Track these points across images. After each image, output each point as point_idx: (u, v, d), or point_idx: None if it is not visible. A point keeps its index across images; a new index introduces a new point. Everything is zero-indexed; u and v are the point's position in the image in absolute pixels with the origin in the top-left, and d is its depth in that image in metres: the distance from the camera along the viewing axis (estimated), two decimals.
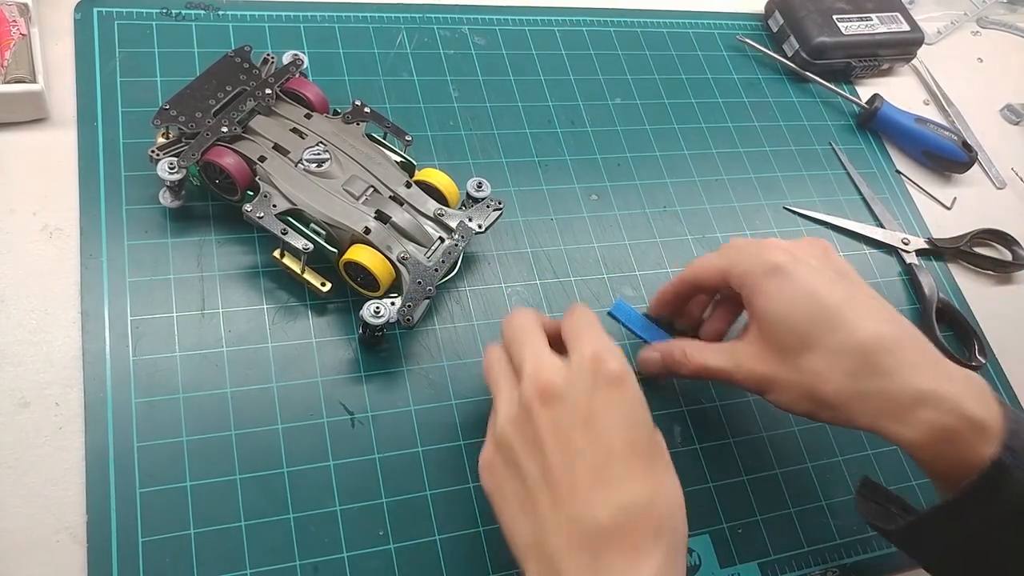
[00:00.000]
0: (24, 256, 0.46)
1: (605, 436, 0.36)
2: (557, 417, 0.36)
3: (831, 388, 0.41)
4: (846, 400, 0.41)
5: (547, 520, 0.35)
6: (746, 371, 0.45)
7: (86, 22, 0.54)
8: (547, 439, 0.36)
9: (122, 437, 0.43)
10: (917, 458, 0.41)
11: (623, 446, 0.36)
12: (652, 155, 0.62)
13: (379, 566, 0.43)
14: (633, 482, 0.35)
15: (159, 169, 0.46)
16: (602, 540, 0.34)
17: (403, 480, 0.45)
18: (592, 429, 0.36)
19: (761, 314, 0.44)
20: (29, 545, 0.40)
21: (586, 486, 0.35)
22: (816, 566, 0.50)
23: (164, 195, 0.48)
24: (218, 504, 0.42)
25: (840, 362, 0.41)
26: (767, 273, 0.43)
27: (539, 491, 0.36)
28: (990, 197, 0.72)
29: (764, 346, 0.44)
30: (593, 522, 0.34)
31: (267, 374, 0.46)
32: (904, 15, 0.74)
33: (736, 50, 0.71)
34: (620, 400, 0.37)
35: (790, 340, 0.42)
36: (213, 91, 0.49)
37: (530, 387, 0.37)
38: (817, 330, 0.42)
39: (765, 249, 0.45)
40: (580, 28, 0.67)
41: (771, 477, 0.52)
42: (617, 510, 0.34)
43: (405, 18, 0.62)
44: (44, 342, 0.44)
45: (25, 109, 0.49)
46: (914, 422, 0.39)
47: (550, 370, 0.38)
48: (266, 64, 0.51)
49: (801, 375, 0.42)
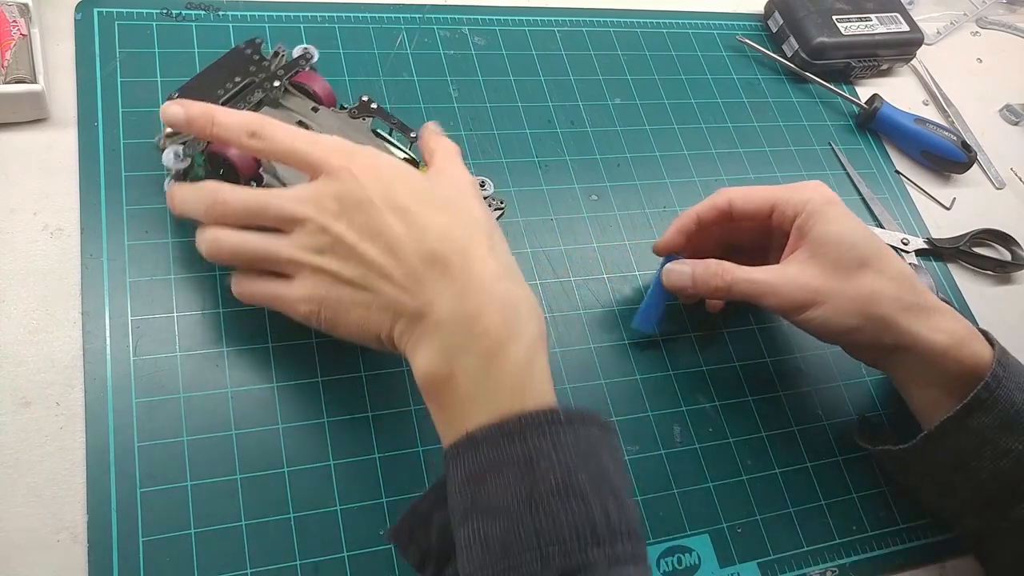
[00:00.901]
0: (25, 256, 0.46)
1: (394, 203, 0.39)
2: (352, 220, 0.39)
3: (885, 303, 0.47)
4: (894, 313, 0.47)
5: (389, 290, 0.39)
6: (797, 284, 0.47)
7: (86, 22, 0.54)
8: (356, 243, 0.39)
9: (123, 437, 0.43)
10: (941, 365, 0.47)
11: (411, 200, 0.39)
12: (652, 155, 0.62)
13: (379, 566, 0.43)
14: (432, 217, 0.39)
15: (165, 157, 0.45)
16: (432, 263, 0.38)
17: (403, 480, 0.45)
18: (382, 206, 0.39)
19: (821, 236, 0.48)
20: (29, 545, 0.40)
21: (403, 245, 0.38)
22: (815, 566, 0.50)
23: (169, 184, 0.47)
24: (218, 504, 0.42)
25: (890, 283, 0.47)
26: (827, 202, 0.49)
27: (372, 282, 0.39)
28: (989, 197, 0.72)
29: (818, 264, 0.47)
30: (420, 257, 0.38)
31: (267, 374, 0.46)
32: (904, 15, 0.74)
33: (736, 50, 0.71)
34: (385, 172, 0.40)
35: (850, 260, 0.47)
36: (222, 81, 0.48)
37: (316, 215, 0.39)
38: (872, 255, 0.47)
39: (819, 185, 0.50)
40: (580, 28, 0.67)
41: (771, 477, 0.52)
42: (430, 238, 0.39)
43: (405, 18, 0.62)
44: (45, 342, 0.44)
45: (25, 109, 0.49)
46: (942, 330, 0.47)
47: (318, 191, 0.40)
48: (276, 57, 0.51)
49: (857, 290, 0.47)
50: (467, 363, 0.37)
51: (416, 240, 0.38)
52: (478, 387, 0.37)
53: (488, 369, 0.37)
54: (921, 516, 0.53)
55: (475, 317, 0.37)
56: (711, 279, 0.49)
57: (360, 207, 0.39)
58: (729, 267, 0.49)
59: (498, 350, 0.37)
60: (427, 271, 0.38)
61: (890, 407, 0.57)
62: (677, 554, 0.48)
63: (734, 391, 0.54)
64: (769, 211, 0.50)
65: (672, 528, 0.48)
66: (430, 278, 0.38)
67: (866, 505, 0.53)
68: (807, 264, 0.48)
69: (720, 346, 0.56)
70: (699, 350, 0.55)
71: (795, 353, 0.57)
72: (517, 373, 0.37)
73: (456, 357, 0.37)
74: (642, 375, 0.53)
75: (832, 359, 0.58)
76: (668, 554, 0.48)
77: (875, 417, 0.56)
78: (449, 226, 0.39)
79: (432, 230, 0.39)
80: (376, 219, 0.39)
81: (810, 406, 0.55)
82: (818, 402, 0.55)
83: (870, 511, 0.53)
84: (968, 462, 0.47)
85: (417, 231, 0.39)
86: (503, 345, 0.37)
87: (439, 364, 0.37)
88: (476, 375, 0.37)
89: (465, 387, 0.37)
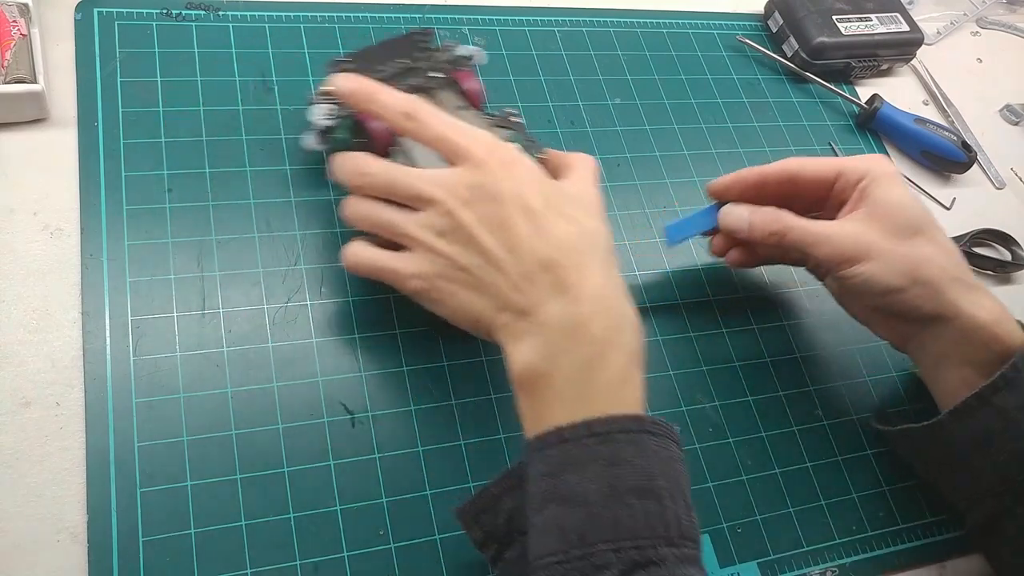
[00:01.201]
0: (24, 256, 0.46)
1: (524, 203, 0.41)
2: (480, 211, 0.41)
3: (936, 270, 0.48)
4: (941, 281, 0.48)
5: (502, 284, 0.41)
6: (851, 237, 0.49)
7: (86, 22, 0.54)
8: (478, 232, 0.41)
9: (123, 437, 0.43)
10: (978, 340, 0.48)
11: (541, 203, 0.41)
12: (652, 155, 0.62)
13: (379, 566, 0.43)
14: (557, 224, 0.41)
15: (314, 111, 0.48)
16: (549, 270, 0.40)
17: (403, 480, 0.45)
18: (512, 203, 0.41)
19: (882, 199, 0.49)
20: (29, 545, 0.40)
21: (524, 245, 0.41)
22: (815, 566, 0.50)
23: (309, 138, 0.50)
24: (218, 504, 0.42)
25: (941, 253, 0.49)
26: (891, 172, 0.51)
27: (485, 272, 0.41)
28: (989, 197, 0.72)
29: (874, 224, 0.49)
30: (538, 261, 0.40)
31: (267, 374, 0.46)
32: (904, 15, 0.74)
33: (736, 50, 0.71)
34: (523, 172, 0.42)
35: (905, 225, 0.49)
36: (386, 60, 0.52)
37: (447, 199, 0.41)
38: (926, 224, 0.49)
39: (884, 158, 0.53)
40: (580, 28, 0.67)
41: (771, 477, 0.52)
42: (552, 245, 0.41)
43: (405, 18, 0.62)
44: (45, 342, 0.44)
45: (25, 109, 0.49)
46: (983, 306, 0.48)
47: (454, 178, 0.42)
48: (443, 51, 0.53)
49: (908, 253, 0.48)
50: (567, 365, 0.39)
51: (538, 243, 0.41)
52: (574, 388, 0.39)
53: (587, 373, 0.39)
54: (921, 516, 0.53)
55: (582, 324, 0.39)
56: (769, 224, 0.50)
57: (490, 199, 0.41)
58: (786, 214, 0.50)
59: (599, 358, 0.39)
60: (541, 274, 0.40)
61: (891, 407, 0.57)
62: None
63: (734, 391, 0.54)
64: (834, 177, 0.51)
65: None
66: (543, 281, 0.40)
67: (866, 505, 0.53)
68: (863, 222, 0.49)
69: (720, 346, 0.56)
70: (699, 350, 0.55)
71: (795, 353, 0.57)
72: (613, 382, 0.39)
73: (557, 357, 0.39)
74: None
75: (832, 359, 0.58)
76: None
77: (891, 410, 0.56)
78: (571, 236, 0.41)
79: (554, 237, 0.41)
80: (503, 214, 0.41)
81: (810, 406, 0.55)
82: (818, 402, 0.56)
83: (870, 511, 0.53)
84: (989, 441, 0.47)
85: (540, 234, 0.41)
86: (604, 354, 0.39)
87: (539, 361, 0.40)
88: (574, 377, 0.39)
89: (560, 386, 0.39)
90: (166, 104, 0.53)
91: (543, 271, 0.40)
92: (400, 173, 0.43)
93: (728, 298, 0.58)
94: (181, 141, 0.52)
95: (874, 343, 0.59)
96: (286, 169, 0.53)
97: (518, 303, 0.40)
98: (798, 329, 0.58)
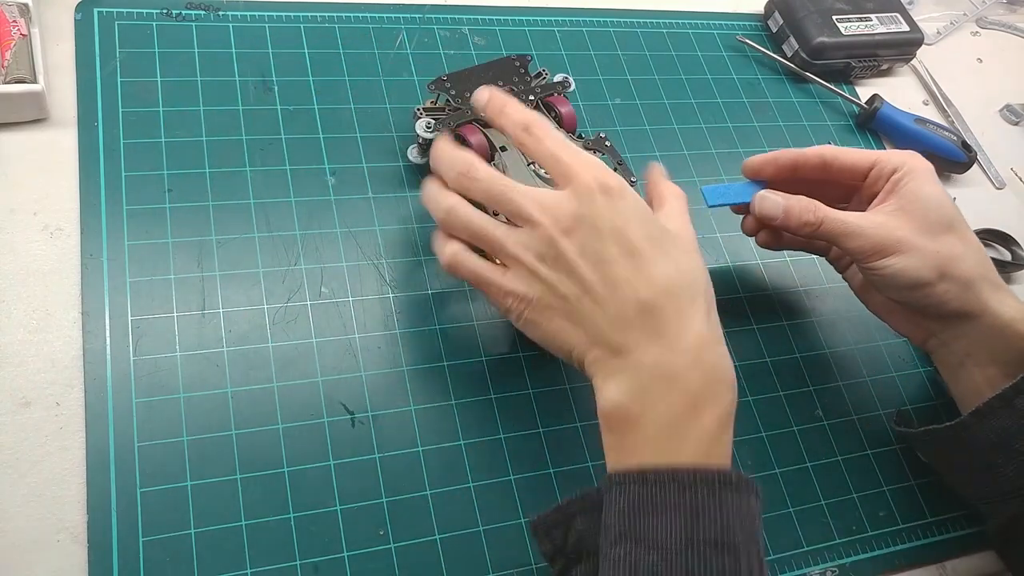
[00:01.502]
0: (25, 256, 0.46)
1: (626, 240, 0.40)
2: (582, 241, 0.41)
3: (965, 267, 0.48)
4: (971, 278, 0.48)
5: (599, 319, 0.40)
6: (884, 230, 0.48)
7: (86, 22, 0.54)
8: (578, 263, 0.40)
9: (123, 437, 0.43)
10: (1004, 338, 0.48)
11: (644, 242, 0.41)
12: (652, 155, 0.62)
13: (379, 566, 0.43)
14: (658, 265, 0.41)
15: (417, 125, 0.52)
16: (648, 314, 0.40)
17: (403, 480, 0.45)
18: (614, 238, 0.40)
19: (914, 193, 0.49)
20: (29, 545, 0.40)
21: (623, 284, 0.40)
22: (815, 566, 0.50)
23: (413, 151, 0.54)
24: (218, 504, 0.42)
25: (971, 250, 0.49)
26: (925, 168, 0.51)
27: (583, 305, 0.41)
28: (990, 197, 0.72)
29: (906, 218, 0.49)
30: (637, 303, 0.40)
31: (267, 374, 0.46)
32: (904, 15, 0.74)
33: (736, 50, 0.71)
34: (628, 207, 0.41)
35: (937, 220, 0.49)
36: (487, 80, 0.54)
37: (550, 225, 0.41)
38: (957, 222, 0.49)
39: (917, 154, 0.52)
40: (580, 28, 0.67)
41: (771, 477, 0.52)
42: (652, 288, 0.40)
43: (405, 18, 0.62)
44: (45, 342, 0.44)
45: (25, 109, 0.49)
46: (1010, 305, 0.49)
47: (559, 203, 0.41)
48: (538, 76, 0.56)
49: (939, 248, 0.48)
50: (659, 411, 0.39)
51: (638, 284, 0.40)
52: (662, 435, 0.39)
53: (678, 424, 0.39)
54: (921, 516, 0.53)
55: (678, 375, 0.39)
56: (803, 214, 0.50)
57: (593, 232, 0.40)
58: (820, 205, 0.50)
59: (692, 411, 0.39)
60: (639, 317, 0.40)
61: (891, 407, 0.57)
62: None
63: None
64: (868, 168, 0.51)
65: None
66: (640, 324, 0.40)
67: (866, 505, 0.53)
68: (896, 215, 0.49)
69: None
70: None
71: (795, 353, 0.57)
72: (704, 436, 0.39)
73: (650, 402, 0.39)
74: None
75: (832, 359, 0.58)
76: None
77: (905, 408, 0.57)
78: (671, 278, 0.41)
79: (656, 280, 0.40)
80: (605, 249, 0.40)
81: (810, 406, 0.55)
82: (818, 402, 0.55)
83: (870, 511, 0.53)
84: (1012, 442, 0.47)
85: (641, 276, 0.40)
86: (698, 408, 0.39)
87: (630, 402, 0.39)
88: (665, 425, 0.39)
89: (650, 430, 0.39)
90: (166, 104, 0.53)
91: (641, 314, 0.40)
92: (506, 185, 0.42)
93: (729, 298, 0.58)
94: (181, 141, 0.52)
95: (874, 343, 0.59)
96: (286, 169, 0.53)
97: (613, 341, 0.40)
98: (798, 329, 0.58)
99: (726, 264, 0.59)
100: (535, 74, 0.56)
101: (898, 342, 0.60)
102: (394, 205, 0.54)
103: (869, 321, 0.57)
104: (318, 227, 0.52)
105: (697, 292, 0.41)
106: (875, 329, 0.59)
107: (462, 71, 0.55)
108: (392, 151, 0.56)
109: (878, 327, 0.58)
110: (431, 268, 0.52)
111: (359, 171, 0.54)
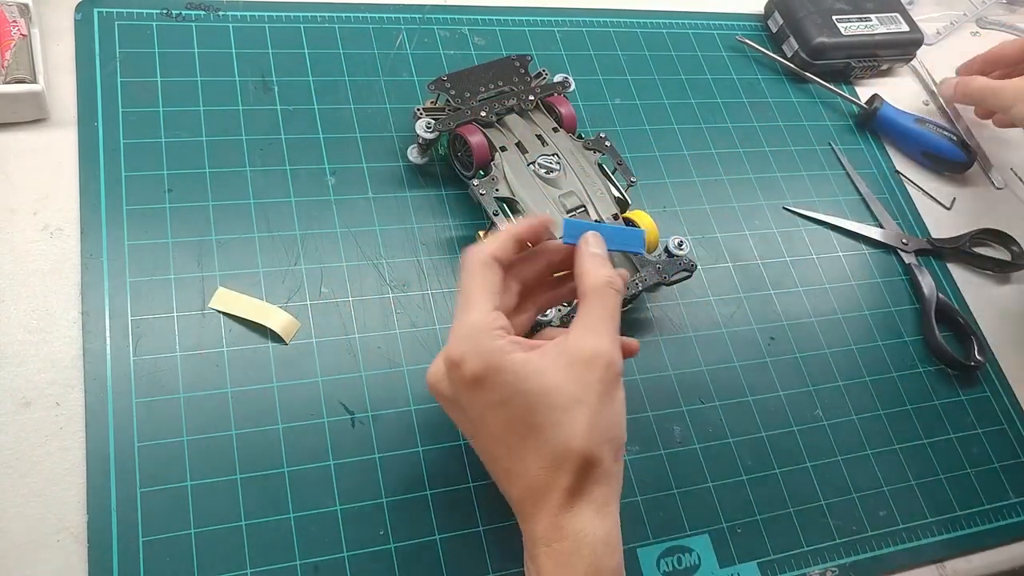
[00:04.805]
0: (25, 256, 0.46)
1: (487, 439, 0.39)
2: (479, 396, 0.38)
3: None
4: None
5: (499, 475, 0.40)
6: None
7: (86, 22, 0.54)
8: (478, 417, 0.38)
9: (123, 437, 0.43)
10: None
11: (505, 433, 0.37)
12: (652, 155, 0.62)
13: (379, 566, 0.43)
14: (528, 462, 0.37)
15: (417, 125, 0.52)
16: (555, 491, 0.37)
17: (403, 480, 0.45)
18: (479, 431, 0.39)
19: None
20: (30, 545, 0.40)
21: (498, 475, 0.39)
22: (815, 566, 0.50)
23: (413, 151, 0.54)
24: (218, 504, 0.42)
25: None
26: None
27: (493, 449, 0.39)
28: (989, 197, 0.72)
29: None
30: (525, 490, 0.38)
31: (267, 374, 0.46)
32: (904, 15, 0.74)
33: (735, 50, 0.71)
34: (490, 402, 0.37)
35: None
36: (486, 81, 0.55)
37: (455, 379, 0.38)
38: None
39: None
40: (580, 28, 0.67)
41: (771, 477, 0.52)
42: (518, 488, 0.38)
43: (405, 18, 0.62)
44: (45, 342, 0.44)
45: (25, 109, 0.49)
46: None
47: (440, 374, 0.39)
48: (538, 76, 0.57)
49: None
50: None
51: (506, 484, 0.39)
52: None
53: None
54: (921, 516, 0.53)
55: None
56: (967, 85, 0.68)
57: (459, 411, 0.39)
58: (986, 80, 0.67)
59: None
60: (531, 495, 0.38)
61: (891, 407, 0.57)
62: (677, 554, 0.48)
63: (734, 391, 0.54)
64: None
65: (672, 528, 0.48)
66: (532, 501, 0.38)
67: (866, 505, 0.53)
68: None
69: (720, 346, 0.56)
70: (699, 350, 0.55)
71: (795, 353, 0.57)
72: None
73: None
74: (642, 375, 0.53)
75: (832, 359, 0.58)
76: (668, 554, 0.48)
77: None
78: (537, 477, 0.37)
79: (523, 476, 0.38)
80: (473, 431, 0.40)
81: (810, 406, 0.55)
82: (818, 402, 0.55)
83: (870, 511, 0.53)
84: None
85: (509, 477, 0.38)
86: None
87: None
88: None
89: None
90: (166, 104, 0.53)
91: (531, 492, 0.38)
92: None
93: (729, 298, 0.58)
94: (181, 141, 0.52)
95: (874, 343, 0.59)
96: (286, 169, 0.53)
97: (511, 494, 0.39)
98: (798, 329, 0.58)
99: (726, 264, 0.59)
100: (535, 74, 0.57)
101: (898, 342, 0.60)
102: (394, 205, 0.54)
103: (869, 321, 0.57)
104: (318, 227, 0.52)
105: (592, 464, 0.36)
106: (875, 329, 0.59)
107: (462, 71, 0.55)
108: (392, 151, 0.56)
109: (878, 327, 0.58)
110: (431, 268, 0.52)
111: (359, 171, 0.54)
